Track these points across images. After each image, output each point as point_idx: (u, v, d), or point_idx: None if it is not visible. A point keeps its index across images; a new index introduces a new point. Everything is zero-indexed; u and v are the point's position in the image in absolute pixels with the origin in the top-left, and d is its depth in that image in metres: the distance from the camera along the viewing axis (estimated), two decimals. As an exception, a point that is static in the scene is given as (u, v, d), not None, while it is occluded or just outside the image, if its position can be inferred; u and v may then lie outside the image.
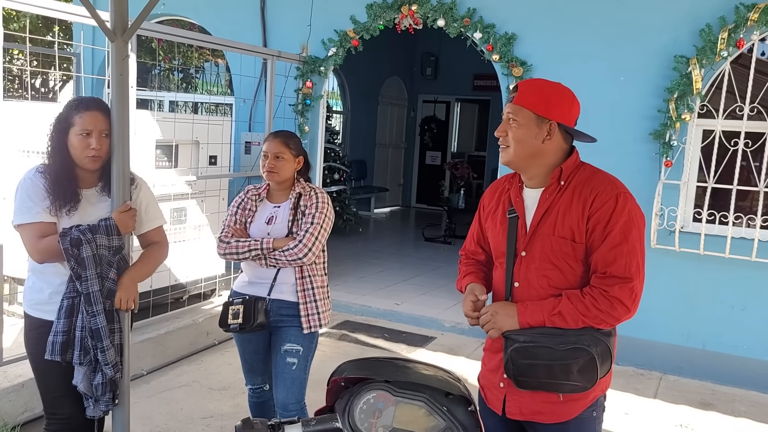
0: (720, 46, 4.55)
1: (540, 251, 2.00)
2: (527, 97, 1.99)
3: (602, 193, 1.94)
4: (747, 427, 4.19)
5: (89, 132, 2.40)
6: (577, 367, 1.88)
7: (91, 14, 2.45)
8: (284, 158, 2.94)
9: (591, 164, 2.07)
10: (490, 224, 2.18)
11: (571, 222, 1.96)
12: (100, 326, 2.37)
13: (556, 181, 2.01)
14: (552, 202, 2.00)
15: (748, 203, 5.00)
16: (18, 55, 12.21)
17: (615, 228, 1.91)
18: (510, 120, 2.00)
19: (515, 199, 2.09)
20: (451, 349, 5.27)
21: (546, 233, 1.99)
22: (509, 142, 2.01)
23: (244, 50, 5.72)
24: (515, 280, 2.05)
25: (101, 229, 2.39)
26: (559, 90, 2.03)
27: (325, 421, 1.40)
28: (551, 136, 1.98)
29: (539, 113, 1.97)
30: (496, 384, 2.10)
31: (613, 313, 1.90)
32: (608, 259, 1.91)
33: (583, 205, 1.95)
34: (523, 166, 2.04)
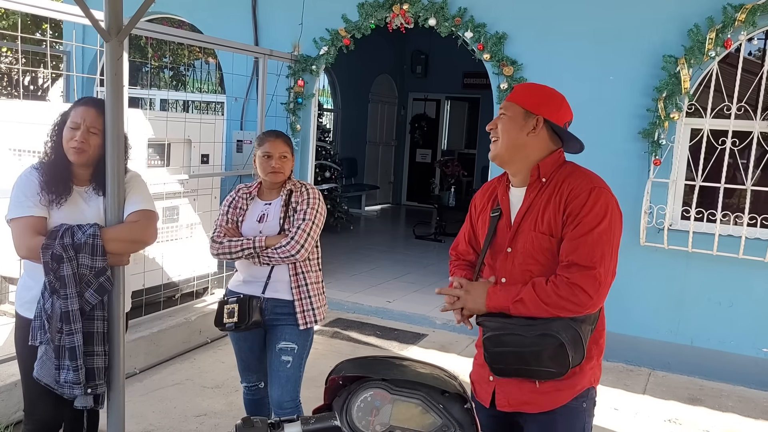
0: (708, 46, 4.60)
1: (522, 247, 2.06)
2: (519, 94, 2.12)
3: (576, 188, 1.99)
4: (734, 421, 4.25)
5: (78, 125, 2.42)
6: (547, 354, 1.91)
7: (86, 14, 2.44)
8: (288, 158, 2.97)
9: (575, 163, 2.12)
10: (480, 223, 2.25)
11: (549, 217, 2.01)
12: (76, 345, 2.31)
13: (536, 178, 2.07)
14: (534, 199, 2.06)
15: (735, 201, 5.06)
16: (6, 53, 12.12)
17: (583, 219, 1.95)
18: (501, 115, 2.11)
19: (501, 198, 2.16)
20: (443, 346, 5.30)
21: (528, 229, 2.05)
22: (498, 134, 2.10)
23: (235, 49, 5.72)
24: (502, 276, 2.10)
25: (86, 248, 2.32)
26: (549, 91, 2.13)
27: (323, 419, 1.42)
28: (537, 130, 2.06)
29: (527, 108, 2.06)
30: (485, 378, 2.14)
31: (574, 300, 1.92)
32: (572, 248, 1.95)
33: (560, 199, 2.00)
34: (507, 159, 2.10)
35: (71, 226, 2.37)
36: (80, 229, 2.35)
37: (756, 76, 4.67)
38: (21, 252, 2.41)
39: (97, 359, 2.38)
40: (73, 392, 2.34)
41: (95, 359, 2.38)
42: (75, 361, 2.31)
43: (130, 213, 2.43)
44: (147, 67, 10.40)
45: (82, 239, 2.32)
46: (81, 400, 2.38)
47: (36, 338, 2.38)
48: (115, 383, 2.47)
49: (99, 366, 2.38)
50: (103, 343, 2.39)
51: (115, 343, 2.45)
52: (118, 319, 2.47)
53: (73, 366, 2.31)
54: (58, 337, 2.31)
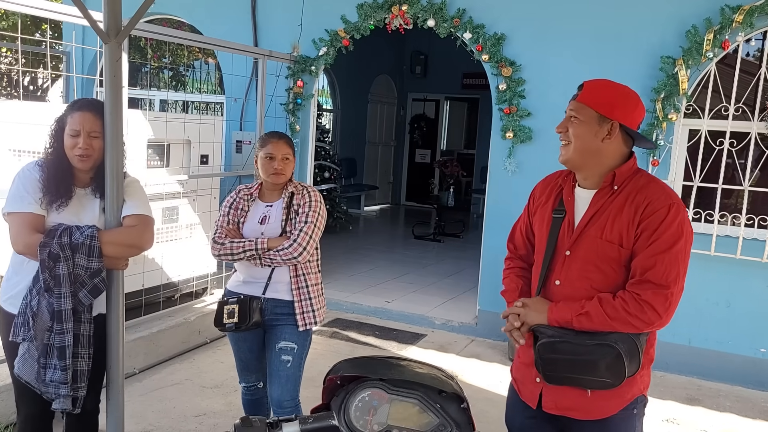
0: (706, 47, 4.62)
1: (585, 253, 2.00)
2: (591, 95, 1.99)
3: (655, 201, 1.93)
4: (732, 421, 4.26)
5: (77, 132, 2.43)
6: (604, 364, 1.88)
7: (84, 16, 2.45)
8: (290, 159, 2.98)
9: (648, 172, 2.07)
10: (539, 218, 2.18)
11: (620, 227, 1.95)
12: (66, 344, 2.31)
13: (609, 184, 2.00)
14: (603, 205, 2.00)
15: (733, 201, 5.07)
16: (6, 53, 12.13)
17: (661, 236, 1.90)
18: (571, 117, 2.00)
19: (567, 198, 2.09)
20: (442, 347, 5.31)
21: (593, 236, 1.99)
22: (569, 138, 2.01)
23: (235, 50, 5.73)
24: (556, 278, 2.06)
25: (83, 248, 2.32)
26: (624, 91, 2.02)
27: (321, 418, 1.43)
28: (611, 135, 1.97)
29: (601, 112, 1.96)
30: (531, 378, 2.10)
31: (643, 317, 1.89)
32: (648, 265, 1.90)
33: (635, 211, 1.94)
34: (580, 164, 2.02)
35: (70, 226, 2.38)
36: (78, 230, 2.36)
37: (754, 77, 4.69)
38: (18, 247, 2.41)
39: (81, 361, 2.39)
40: (59, 392, 2.34)
41: (79, 361, 2.38)
42: (64, 360, 2.31)
43: (127, 216, 2.44)
44: (146, 68, 10.41)
45: (80, 240, 2.33)
46: (60, 402, 2.37)
47: (18, 335, 2.38)
48: (114, 383, 2.48)
49: (82, 368, 2.39)
50: (88, 346, 2.40)
51: (114, 343, 2.45)
52: (117, 319, 2.48)
53: (62, 365, 2.32)
54: (47, 336, 2.31)
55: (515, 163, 5.40)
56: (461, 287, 6.79)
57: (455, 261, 8.13)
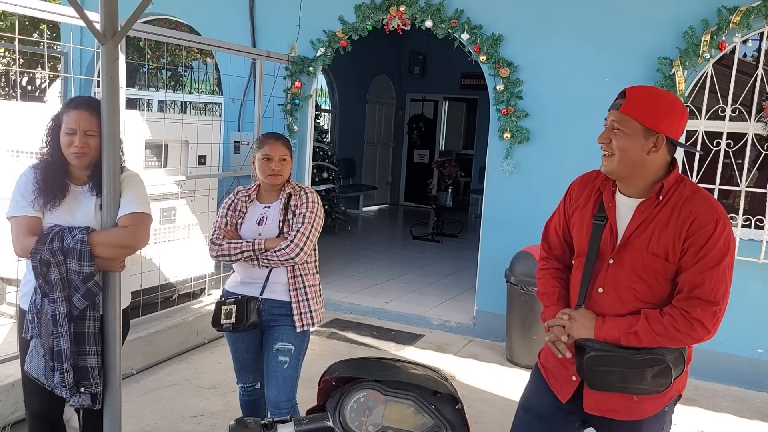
0: (703, 48, 4.63)
1: (631, 263, 1.98)
2: (636, 106, 1.92)
3: (702, 216, 1.90)
4: (729, 421, 4.27)
5: (74, 130, 2.44)
6: (651, 374, 1.91)
7: (81, 16, 2.45)
8: (287, 160, 2.99)
9: (691, 181, 2.04)
10: (577, 220, 2.14)
11: (666, 241, 1.93)
12: (63, 348, 2.32)
13: (655, 195, 1.96)
14: (648, 216, 1.97)
15: (730, 202, 5.08)
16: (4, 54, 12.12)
17: (710, 252, 1.88)
18: (615, 129, 1.95)
19: (608, 204, 2.05)
20: (439, 347, 5.32)
21: (639, 247, 1.96)
22: (613, 150, 1.95)
23: (233, 50, 5.74)
24: (599, 286, 2.04)
25: (74, 253, 2.32)
26: (669, 101, 1.96)
27: (316, 420, 1.44)
28: (658, 149, 1.92)
29: (647, 125, 1.90)
30: (567, 377, 2.11)
31: (692, 334, 1.90)
32: (697, 282, 1.89)
33: (682, 225, 1.92)
34: (624, 176, 1.99)
35: (62, 229, 2.38)
36: (70, 233, 2.36)
37: (750, 78, 4.70)
38: (16, 251, 2.46)
39: (90, 358, 2.39)
40: (62, 393, 2.37)
41: (88, 358, 2.38)
42: (62, 363, 2.33)
43: (122, 216, 2.42)
44: (144, 68, 10.41)
45: (71, 244, 2.33)
46: (77, 399, 2.38)
47: (27, 331, 2.41)
48: (111, 384, 2.48)
49: (92, 365, 2.39)
50: (96, 343, 2.40)
51: (112, 344, 2.45)
52: (114, 320, 2.48)
53: (60, 368, 2.33)
54: (50, 340, 2.34)
55: (513, 163, 5.41)
56: (459, 288, 6.80)
57: (453, 261, 8.14)
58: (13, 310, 4.53)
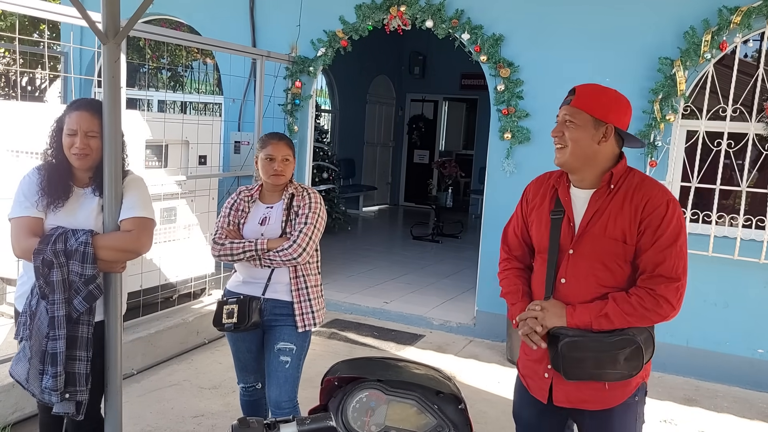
0: (703, 48, 4.63)
1: (590, 251, 2.07)
2: (585, 100, 2.07)
3: (654, 198, 2.02)
4: (729, 422, 4.27)
5: (75, 131, 2.44)
6: (623, 356, 1.98)
7: (83, 16, 2.45)
8: (290, 161, 2.99)
9: (639, 170, 2.15)
10: (535, 218, 2.24)
11: (623, 224, 2.03)
12: (58, 351, 2.30)
13: (606, 184, 2.08)
14: (602, 204, 2.07)
15: (730, 202, 5.08)
16: (4, 54, 12.12)
17: (665, 232, 1.99)
18: (567, 122, 2.07)
19: (564, 198, 2.15)
20: (440, 347, 5.32)
21: (597, 234, 2.06)
22: (566, 142, 2.07)
23: (233, 50, 5.73)
24: (561, 276, 2.12)
25: (77, 255, 2.32)
26: (615, 95, 2.11)
27: (319, 419, 1.43)
28: (607, 138, 2.06)
29: (597, 116, 2.05)
30: (540, 374, 2.18)
31: (659, 311, 1.99)
32: (657, 260, 1.99)
33: (635, 208, 2.02)
34: (576, 167, 2.10)
35: (66, 231, 2.38)
36: (74, 235, 2.35)
37: (751, 78, 4.70)
38: (16, 252, 2.45)
39: (79, 365, 2.37)
40: (51, 398, 2.33)
41: (77, 364, 2.37)
42: (55, 367, 2.30)
43: (125, 219, 2.42)
44: (145, 68, 10.41)
45: (74, 246, 2.32)
46: (61, 406, 2.36)
47: (19, 333, 2.40)
48: (112, 384, 2.47)
49: (80, 372, 2.37)
50: (87, 349, 2.38)
51: (113, 345, 2.45)
52: (115, 320, 2.48)
53: (53, 372, 2.31)
54: (44, 342, 2.32)
55: (513, 163, 5.41)
56: (459, 288, 6.79)
57: (453, 261, 8.14)
58: (12, 311, 4.53)
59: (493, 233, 5.53)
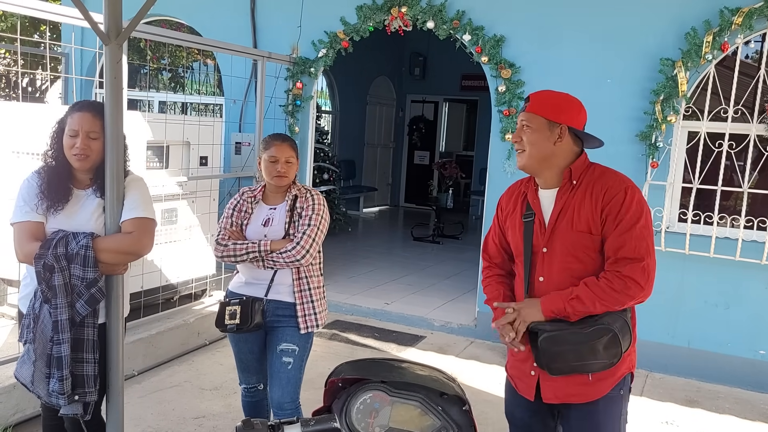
0: (705, 49, 4.63)
1: (561, 246, 2.16)
2: (538, 105, 2.19)
3: (612, 188, 2.11)
4: (731, 423, 4.27)
5: (76, 132, 2.43)
6: (601, 345, 2.04)
7: (85, 17, 2.45)
8: (292, 162, 2.99)
9: (601, 165, 2.23)
10: (510, 225, 2.34)
11: (586, 216, 2.12)
12: (63, 355, 2.30)
13: (568, 180, 2.17)
14: (566, 200, 2.17)
15: (732, 203, 5.08)
16: (5, 54, 12.12)
17: (625, 217, 2.07)
18: (524, 126, 2.19)
19: (532, 201, 2.25)
20: (441, 348, 5.31)
21: (565, 229, 2.15)
22: (524, 146, 2.18)
23: (234, 51, 5.73)
24: (539, 275, 2.20)
25: (78, 258, 2.32)
26: (567, 97, 2.23)
27: (323, 421, 1.43)
28: (562, 138, 2.16)
29: (550, 118, 2.15)
30: (526, 372, 2.24)
31: (628, 292, 2.05)
32: (619, 244, 2.07)
33: (596, 198, 2.11)
34: (537, 168, 2.20)
35: (67, 234, 2.37)
36: (74, 239, 2.35)
37: (753, 79, 4.70)
38: (18, 257, 2.45)
39: (87, 366, 2.37)
40: (58, 402, 2.34)
41: (84, 366, 2.37)
42: (61, 370, 2.30)
43: (126, 220, 2.42)
44: (146, 69, 10.41)
45: (75, 249, 2.32)
46: (68, 408, 2.36)
47: (22, 336, 2.40)
48: (113, 385, 2.47)
49: (88, 373, 2.37)
50: (93, 351, 2.39)
51: (114, 346, 2.45)
52: (117, 321, 2.48)
53: (59, 376, 2.31)
54: (49, 346, 2.32)
55: (514, 164, 5.40)
56: (460, 289, 6.79)
57: (454, 262, 8.13)
58: (13, 312, 4.52)
59: (494, 234, 5.52)
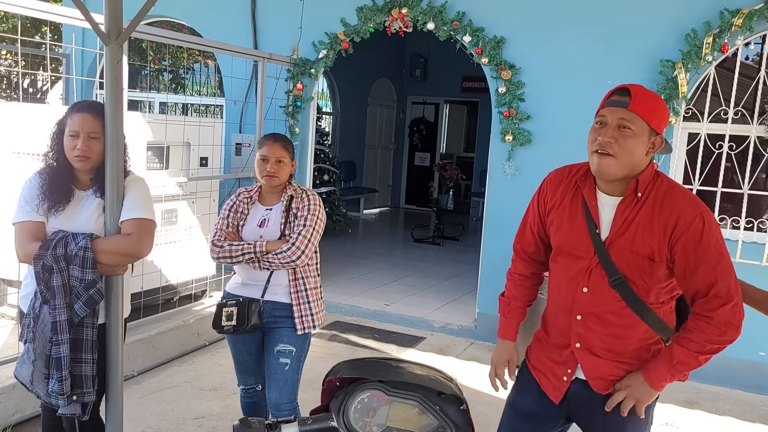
0: (705, 50, 4.63)
1: (615, 263, 1.94)
2: (644, 106, 1.88)
3: (686, 213, 1.87)
4: (731, 425, 4.26)
5: (76, 133, 2.43)
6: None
7: (86, 17, 2.46)
8: (284, 162, 2.97)
9: (665, 175, 2.01)
10: (555, 219, 2.09)
11: (651, 240, 1.90)
12: (62, 356, 2.31)
13: (632, 192, 1.93)
14: (629, 214, 1.93)
15: (732, 205, 5.08)
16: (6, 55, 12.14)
17: (708, 250, 1.85)
18: (623, 128, 1.86)
19: (591, 203, 2.00)
20: (441, 350, 5.31)
21: (623, 247, 1.93)
22: (615, 151, 1.86)
23: (235, 52, 5.74)
24: (583, 286, 2.01)
25: (77, 260, 2.32)
26: (663, 102, 1.98)
27: (320, 420, 1.43)
28: (655, 150, 1.92)
29: (653, 126, 1.88)
30: (559, 376, 2.11)
31: (726, 338, 1.89)
32: (710, 281, 1.86)
33: (665, 223, 1.88)
34: (620, 177, 1.92)
35: (66, 235, 2.38)
36: (74, 240, 2.35)
37: (753, 81, 4.70)
38: (19, 257, 2.45)
39: (86, 367, 2.38)
40: (57, 402, 2.34)
41: (83, 366, 2.37)
42: (60, 371, 2.31)
43: (125, 221, 2.41)
44: (146, 70, 10.42)
45: (74, 250, 2.32)
46: (67, 408, 2.37)
47: (23, 335, 2.40)
48: (113, 386, 2.47)
49: (87, 374, 2.38)
50: (92, 351, 2.39)
51: (114, 346, 2.45)
52: (116, 322, 2.48)
53: (58, 376, 2.31)
54: (48, 347, 2.32)
55: (515, 166, 5.41)
56: (460, 290, 6.79)
57: (454, 264, 8.13)
58: (13, 312, 4.53)
59: (495, 235, 5.53)
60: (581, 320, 2.04)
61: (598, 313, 2.01)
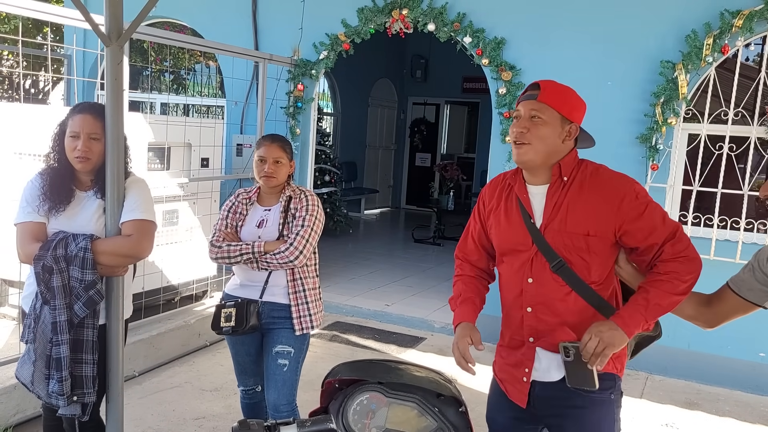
0: (705, 51, 4.63)
1: (553, 247, 2.01)
2: (553, 96, 2.01)
3: (624, 189, 2.00)
4: (731, 426, 4.26)
5: (77, 134, 2.44)
6: None
7: (86, 18, 2.46)
8: (282, 163, 2.98)
9: (591, 161, 2.09)
10: (494, 221, 2.16)
11: (583, 217, 1.97)
12: (62, 356, 2.31)
13: (558, 177, 2.02)
14: (558, 198, 2.01)
15: (732, 206, 5.07)
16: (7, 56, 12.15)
17: (654, 211, 1.98)
18: (534, 117, 1.99)
19: (522, 196, 2.08)
20: (441, 350, 5.31)
21: (558, 229, 2.00)
22: (530, 139, 1.98)
23: (236, 53, 5.75)
24: (528, 276, 2.06)
25: (77, 260, 2.32)
26: (576, 94, 2.10)
27: (319, 421, 1.44)
28: (571, 137, 2.03)
29: (564, 114, 2.00)
30: (519, 378, 2.13)
31: (696, 273, 2.04)
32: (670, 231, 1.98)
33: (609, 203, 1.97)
34: (538, 165, 2.02)
35: (66, 236, 2.38)
36: (74, 240, 2.36)
37: (753, 82, 4.70)
38: (20, 257, 2.46)
39: (86, 367, 2.38)
40: (58, 402, 2.35)
41: (83, 367, 2.38)
42: (61, 372, 2.31)
43: (126, 222, 2.41)
44: (148, 71, 10.43)
45: (74, 251, 2.33)
46: (67, 408, 2.37)
47: (24, 335, 2.41)
48: (113, 386, 2.47)
49: (87, 374, 2.38)
50: (92, 352, 2.39)
51: (114, 347, 2.45)
52: (117, 323, 2.48)
53: (58, 377, 2.32)
54: (48, 347, 2.33)
55: (515, 165, 5.39)
56: (461, 291, 6.78)
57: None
58: (14, 312, 4.54)
59: (495, 236, 5.52)
60: (532, 312, 2.08)
61: (545, 302, 2.04)
